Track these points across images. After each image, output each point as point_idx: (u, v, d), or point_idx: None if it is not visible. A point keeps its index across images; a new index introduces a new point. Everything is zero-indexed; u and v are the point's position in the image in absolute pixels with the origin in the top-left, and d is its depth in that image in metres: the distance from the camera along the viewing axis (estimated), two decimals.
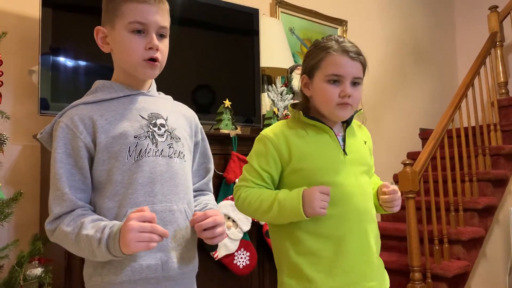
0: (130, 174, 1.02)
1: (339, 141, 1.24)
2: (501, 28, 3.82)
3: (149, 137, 1.06)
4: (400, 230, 2.99)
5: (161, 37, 1.08)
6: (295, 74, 2.60)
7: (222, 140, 2.16)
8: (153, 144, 1.05)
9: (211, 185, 1.27)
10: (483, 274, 2.96)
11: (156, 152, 1.05)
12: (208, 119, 2.27)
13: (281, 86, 2.54)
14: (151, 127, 1.07)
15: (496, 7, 3.85)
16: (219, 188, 2.09)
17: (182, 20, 2.31)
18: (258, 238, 2.20)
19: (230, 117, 2.22)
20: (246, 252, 2.09)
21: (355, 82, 1.20)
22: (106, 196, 1.02)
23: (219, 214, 1.07)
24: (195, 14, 2.38)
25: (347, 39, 1.23)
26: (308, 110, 1.27)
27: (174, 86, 1.86)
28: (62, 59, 1.94)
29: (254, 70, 2.52)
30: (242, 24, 2.54)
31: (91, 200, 1.05)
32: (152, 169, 1.04)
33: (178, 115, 1.16)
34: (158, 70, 1.09)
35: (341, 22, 3.55)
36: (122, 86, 1.09)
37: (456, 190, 2.96)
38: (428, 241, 2.64)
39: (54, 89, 1.89)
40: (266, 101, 2.56)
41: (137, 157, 1.03)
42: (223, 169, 2.13)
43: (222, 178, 2.11)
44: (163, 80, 1.23)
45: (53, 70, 1.90)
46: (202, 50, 2.39)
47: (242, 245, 2.09)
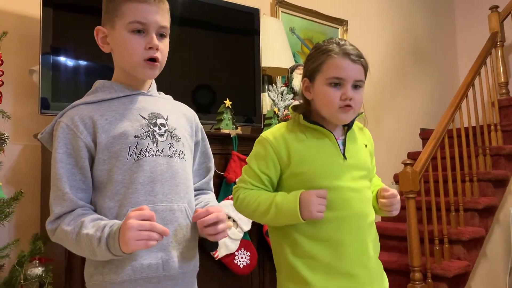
0: (131, 174, 1.02)
1: (339, 145, 1.23)
2: (501, 28, 3.82)
3: (149, 136, 1.06)
4: (400, 230, 2.99)
5: (161, 36, 1.08)
6: (296, 74, 2.60)
7: (223, 140, 2.16)
8: (153, 143, 1.06)
9: (212, 184, 1.27)
10: (484, 274, 2.96)
11: (156, 151, 1.06)
12: (208, 119, 2.27)
13: (281, 86, 2.54)
14: (152, 127, 1.07)
15: (496, 7, 3.84)
16: (220, 187, 2.10)
17: (183, 20, 2.31)
18: (258, 238, 2.20)
19: (231, 117, 2.22)
20: (247, 252, 2.09)
21: (357, 85, 1.20)
22: (107, 195, 1.02)
23: (221, 211, 1.08)
24: (196, 14, 2.38)
25: (348, 42, 1.22)
26: (309, 113, 1.26)
27: (175, 86, 1.86)
28: (62, 59, 1.94)
29: (255, 70, 2.52)
30: (243, 24, 2.53)
31: (92, 199, 1.05)
32: (152, 168, 1.04)
33: (178, 115, 1.16)
34: (158, 70, 1.09)
35: (341, 22, 3.55)
36: (122, 86, 1.10)
37: (456, 190, 2.96)
38: (428, 241, 2.64)
39: (55, 88, 1.89)
40: (267, 101, 2.56)
41: (137, 156, 1.03)
42: (224, 169, 2.13)
43: (222, 177, 2.11)
44: (163, 80, 1.23)
45: (53, 69, 1.90)
46: (202, 50, 2.39)
47: (243, 245, 2.09)
